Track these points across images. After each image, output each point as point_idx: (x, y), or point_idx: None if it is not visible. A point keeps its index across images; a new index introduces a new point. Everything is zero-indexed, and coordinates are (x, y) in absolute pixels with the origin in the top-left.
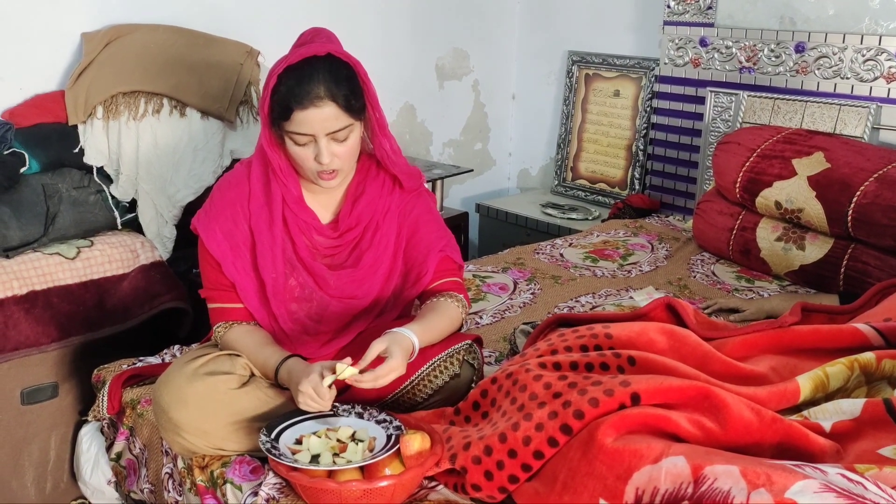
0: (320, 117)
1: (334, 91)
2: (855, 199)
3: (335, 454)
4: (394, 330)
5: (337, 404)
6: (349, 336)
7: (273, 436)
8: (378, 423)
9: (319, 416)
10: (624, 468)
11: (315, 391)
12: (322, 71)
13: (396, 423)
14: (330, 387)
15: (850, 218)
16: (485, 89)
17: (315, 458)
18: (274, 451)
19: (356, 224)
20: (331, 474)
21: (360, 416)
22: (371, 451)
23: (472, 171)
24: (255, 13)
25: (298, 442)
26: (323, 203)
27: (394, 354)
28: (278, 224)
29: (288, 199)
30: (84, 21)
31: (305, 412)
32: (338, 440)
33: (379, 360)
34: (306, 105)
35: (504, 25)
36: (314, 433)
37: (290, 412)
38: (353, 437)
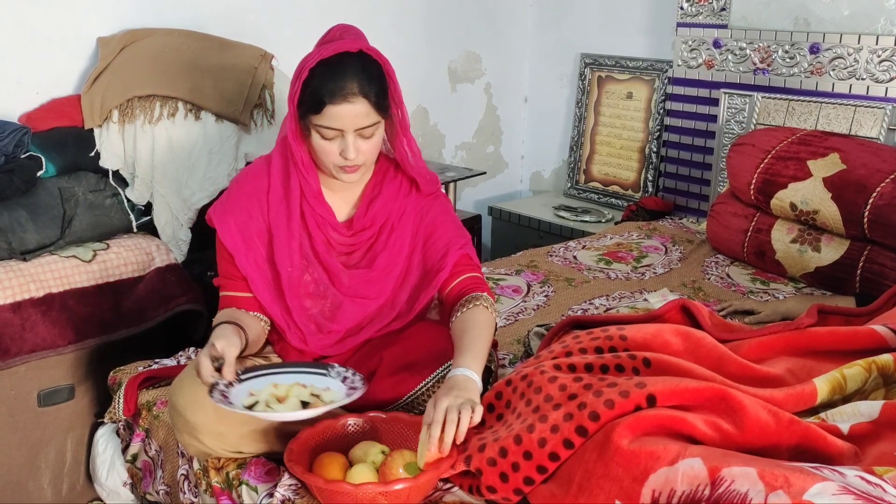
0: (352, 113)
1: (366, 88)
2: (871, 201)
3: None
4: (455, 375)
5: (334, 365)
6: (364, 336)
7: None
8: (343, 380)
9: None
10: (640, 470)
11: (198, 368)
12: (355, 67)
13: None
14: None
15: (866, 219)
16: (497, 92)
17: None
18: (217, 395)
19: (371, 224)
20: (342, 475)
21: (344, 380)
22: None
23: (484, 173)
24: (269, 17)
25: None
26: (341, 200)
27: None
28: (296, 218)
29: (307, 192)
30: (99, 26)
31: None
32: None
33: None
34: (339, 100)
35: (516, 28)
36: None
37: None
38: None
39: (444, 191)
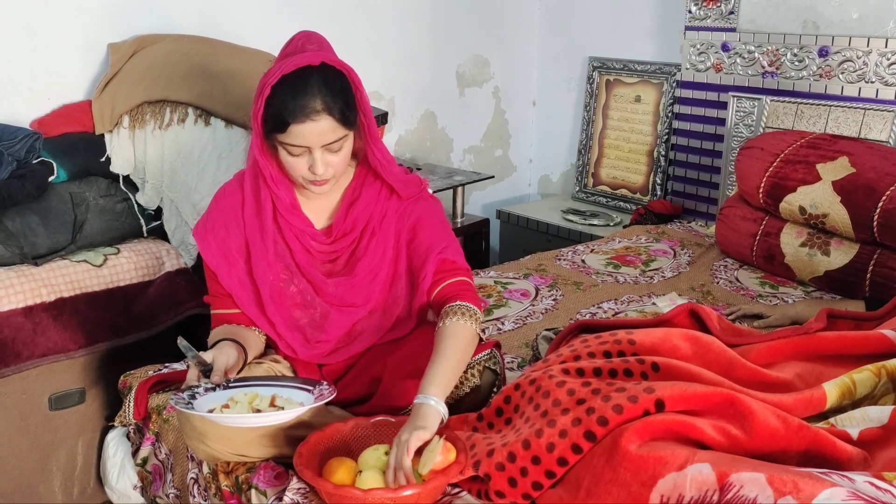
0: (317, 131)
1: (331, 104)
2: (881, 204)
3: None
4: (415, 404)
5: (323, 381)
6: (363, 345)
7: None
8: (319, 397)
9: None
10: (648, 475)
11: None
12: (318, 83)
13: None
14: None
15: (875, 223)
16: (505, 96)
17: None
18: (181, 402)
19: (351, 229)
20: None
21: (309, 391)
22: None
23: (492, 177)
24: (276, 23)
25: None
26: (318, 209)
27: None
28: (270, 232)
29: (280, 206)
30: (110, 32)
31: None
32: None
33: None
34: (303, 119)
35: (524, 32)
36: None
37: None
38: (272, 403)
39: (450, 194)
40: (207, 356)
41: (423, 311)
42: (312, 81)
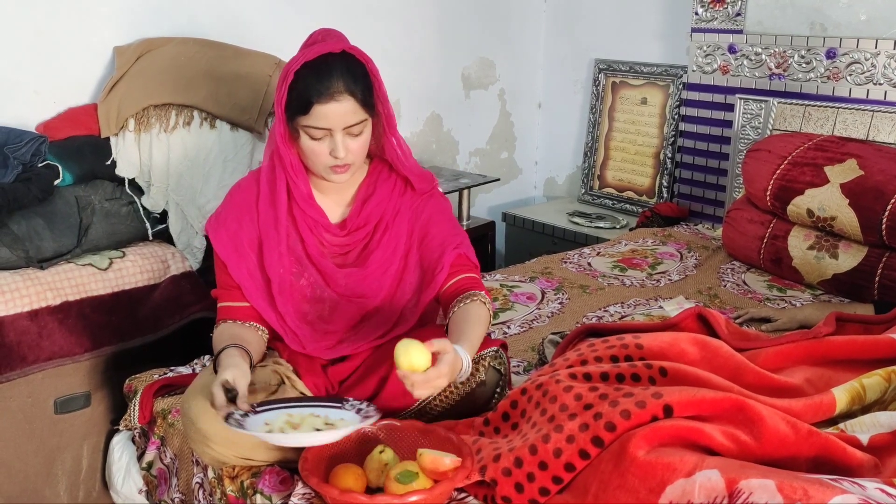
0: (340, 111)
1: (352, 86)
2: (889, 207)
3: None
4: (455, 347)
5: (349, 398)
6: (365, 342)
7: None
8: (358, 412)
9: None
10: (657, 481)
11: (212, 399)
12: (340, 67)
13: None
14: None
15: (884, 226)
16: (511, 98)
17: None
18: (233, 422)
19: (365, 224)
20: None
21: (359, 411)
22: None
23: (498, 179)
24: (282, 26)
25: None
26: (333, 202)
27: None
28: (283, 223)
29: (296, 196)
30: (116, 35)
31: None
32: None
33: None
34: (326, 99)
35: (530, 34)
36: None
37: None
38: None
39: (456, 197)
40: (228, 375)
41: (429, 306)
42: (335, 65)
